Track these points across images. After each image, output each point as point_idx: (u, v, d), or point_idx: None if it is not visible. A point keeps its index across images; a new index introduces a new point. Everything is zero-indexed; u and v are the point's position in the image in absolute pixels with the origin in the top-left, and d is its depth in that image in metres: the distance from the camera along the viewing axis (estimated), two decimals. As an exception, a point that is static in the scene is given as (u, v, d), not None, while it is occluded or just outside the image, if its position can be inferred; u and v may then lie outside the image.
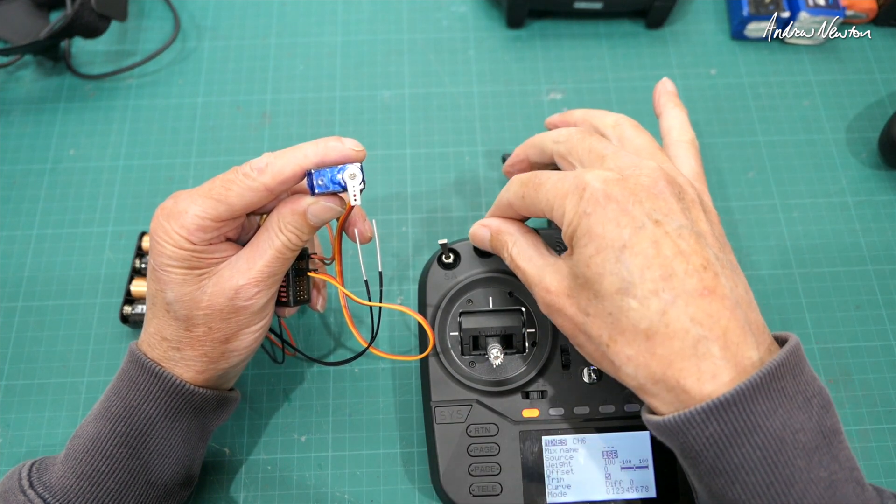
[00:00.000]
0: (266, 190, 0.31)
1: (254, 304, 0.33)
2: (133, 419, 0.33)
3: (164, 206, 0.32)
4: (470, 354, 0.38)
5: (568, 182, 0.31)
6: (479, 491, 0.36)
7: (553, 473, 0.37)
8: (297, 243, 0.33)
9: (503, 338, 0.39)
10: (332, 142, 0.31)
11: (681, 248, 0.28)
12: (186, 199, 0.32)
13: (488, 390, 0.38)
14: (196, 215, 0.31)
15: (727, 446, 0.27)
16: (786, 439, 0.26)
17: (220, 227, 0.32)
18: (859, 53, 0.56)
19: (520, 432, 0.37)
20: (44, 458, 0.35)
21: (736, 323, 0.28)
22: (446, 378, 0.38)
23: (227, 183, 0.31)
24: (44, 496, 0.32)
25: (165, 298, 0.33)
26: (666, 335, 0.27)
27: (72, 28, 0.50)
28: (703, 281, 0.28)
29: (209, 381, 0.35)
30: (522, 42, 0.57)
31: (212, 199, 0.31)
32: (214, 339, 0.33)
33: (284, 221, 0.32)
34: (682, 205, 0.30)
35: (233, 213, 0.32)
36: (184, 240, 0.32)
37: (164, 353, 0.34)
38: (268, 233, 0.33)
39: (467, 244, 0.40)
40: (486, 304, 0.39)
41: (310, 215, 0.32)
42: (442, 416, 0.38)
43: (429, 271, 0.40)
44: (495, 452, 0.37)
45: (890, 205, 0.50)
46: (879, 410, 0.44)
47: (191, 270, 0.32)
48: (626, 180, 0.30)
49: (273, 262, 0.33)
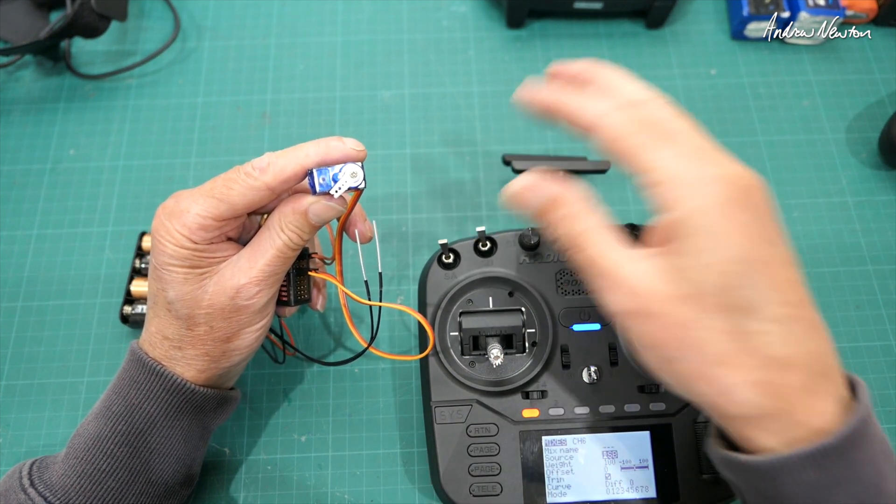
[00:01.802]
0: (268, 189, 0.31)
1: (255, 304, 0.33)
2: (134, 418, 0.33)
3: (165, 206, 0.32)
4: (470, 354, 0.38)
5: (699, 168, 0.26)
6: (479, 491, 0.36)
7: (553, 473, 0.37)
8: (299, 242, 0.33)
9: (503, 338, 0.39)
10: (334, 141, 0.32)
11: (796, 275, 0.27)
12: (188, 199, 0.32)
13: (488, 390, 0.38)
14: (198, 214, 0.31)
15: (826, 495, 0.25)
16: (882, 488, 0.25)
17: (221, 227, 0.32)
18: (859, 53, 0.56)
19: (520, 432, 0.37)
20: (44, 457, 0.35)
21: (835, 360, 0.27)
22: (446, 378, 0.38)
23: (229, 182, 0.32)
24: (44, 494, 0.32)
25: (167, 297, 0.33)
26: (797, 366, 0.25)
27: (72, 28, 0.50)
28: (813, 314, 0.27)
29: (210, 380, 0.35)
30: (522, 42, 0.57)
31: (213, 198, 0.31)
32: (216, 338, 0.33)
33: (286, 221, 0.33)
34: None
35: (234, 212, 0.32)
36: (185, 239, 0.32)
37: (165, 352, 0.34)
38: (269, 232, 0.33)
39: (467, 244, 0.40)
40: (487, 304, 0.39)
41: (311, 215, 0.32)
42: (442, 416, 0.38)
43: (429, 271, 0.40)
44: (495, 452, 0.37)
45: (890, 205, 0.50)
46: (880, 410, 0.44)
47: (192, 269, 0.32)
48: (754, 190, 0.26)
49: (274, 261, 0.33)
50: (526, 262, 0.40)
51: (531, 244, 0.39)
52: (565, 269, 0.40)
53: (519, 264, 0.40)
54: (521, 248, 0.40)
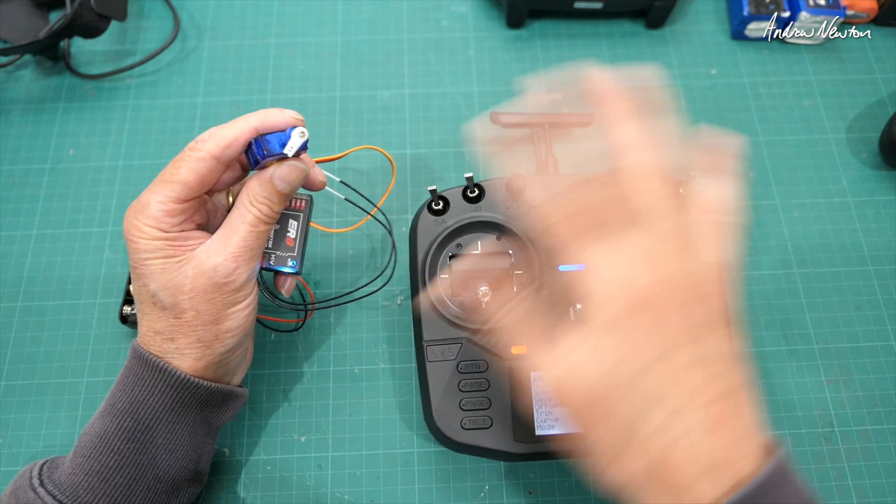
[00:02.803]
0: (212, 158, 0.33)
1: (235, 280, 0.34)
2: (139, 414, 0.34)
3: (130, 207, 0.34)
4: (460, 296, 0.40)
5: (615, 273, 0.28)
6: (470, 425, 0.37)
7: (541, 407, 0.38)
8: (270, 214, 0.34)
9: (492, 279, 0.40)
10: (273, 110, 0.34)
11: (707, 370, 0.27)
12: (147, 193, 0.33)
13: (478, 328, 0.39)
14: (159, 202, 0.33)
15: None
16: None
17: (185, 209, 0.33)
18: (860, 53, 0.56)
19: (509, 368, 0.38)
20: (55, 458, 0.35)
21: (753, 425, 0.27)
22: (437, 318, 0.39)
23: (177, 162, 0.33)
24: (53, 493, 0.32)
25: (150, 291, 0.34)
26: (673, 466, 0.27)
27: (71, 28, 0.50)
28: (714, 412, 0.27)
29: (209, 370, 0.35)
30: (522, 42, 0.57)
31: (167, 182, 0.33)
32: (204, 322, 0.34)
33: (253, 194, 0.34)
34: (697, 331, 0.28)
35: (190, 190, 0.33)
36: (154, 230, 0.33)
37: (159, 346, 0.34)
38: (239, 210, 0.34)
39: (456, 191, 0.41)
40: (476, 248, 0.41)
41: (276, 180, 0.34)
42: (433, 354, 0.39)
43: (419, 218, 0.41)
44: (485, 387, 0.38)
45: (890, 205, 0.50)
46: (880, 410, 0.44)
47: (168, 259, 0.33)
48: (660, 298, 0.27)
49: (248, 236, 0.34)
50: (513, 206, 0.41)
51: (518, 189, 0.40)
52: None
53: (506, 209, 0.41)
54: (508, 194, 0.41)
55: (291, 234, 0.38)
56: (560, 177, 0.42)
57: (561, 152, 0.41)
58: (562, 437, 0.36)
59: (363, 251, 0.49)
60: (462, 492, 0.42)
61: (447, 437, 0.37)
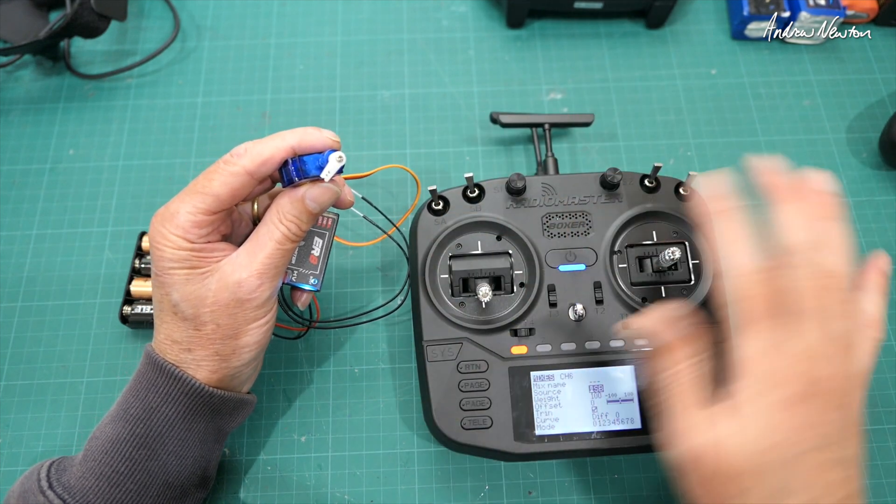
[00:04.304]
0: (246, 173, 0.32)
1: (258, 297, 0.33)
2: (152, 421, 0.34)
3: (157, 213, 0.33)
4: (460, 296, 0.40)
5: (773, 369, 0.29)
6: (470, 424, 0.37)
7: (542, 407, 0.38)
8: (297, 233, 0.34)
9: (492, 279, 0.40)
10: (311, 129, 0.33)
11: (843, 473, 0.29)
12: (176, 201, 0.33)
13: (478, 328, 0.39)
14: (188, 213, 0.32)
15: None
16: None
17: (213, 221, 0.33)
18: (859, 53, 0.56)
19: (509, 368, 0.38)
20: (62, 459, 0.35)
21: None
22: (437, 318, 0.39)
23: (209, 174, 0.33)
24: (63, 497, 0.32)
25: (171, 300, 0.33)
26: None
27: (71, 28, 0.50)
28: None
29: (223, 381, 0.35)
30: (522, 42, 0.57)
31: (198, 193, 0.32)
32: (224, 336, 0.34)
33: (283, 212, 0.33)
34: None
35: (221, 203, 0.33)
36: (181, 240, 0.32)
37: (175, 355, 0.34)
38: (267, 226, 0.34)
39: (456, 191, 0.41)
40: (476, 247, 0.40)
41: (308, 200, 0.33)
42: (434, 354, 0.39)
43: (419, 218, 0.41)
44: (485, 387, 0.38)
45: (890, 205, 0.50)
46: (880, 411, 0.44)
47: (192, 270, 0.33)
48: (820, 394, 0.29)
49: (274, 253, 0.33)
50: (513, 206, 0.41)
51: (518, 189, 0.40)
52: (551, 213, 0.41)
53: (506, 209, 0.41)
54: (508, 194, 0.41)
55: (316, 251, 0.38)
56: (560, 177, 0.42)
57: (561, 152, 0.41)
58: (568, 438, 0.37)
59: (374, 265, 0.48)
60: (462, 492, 0.42)
61: (447, 437, 0.37)
